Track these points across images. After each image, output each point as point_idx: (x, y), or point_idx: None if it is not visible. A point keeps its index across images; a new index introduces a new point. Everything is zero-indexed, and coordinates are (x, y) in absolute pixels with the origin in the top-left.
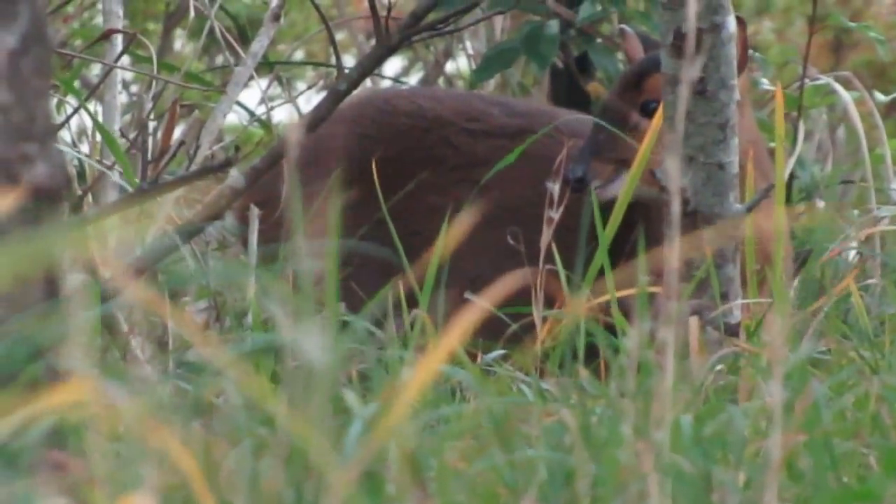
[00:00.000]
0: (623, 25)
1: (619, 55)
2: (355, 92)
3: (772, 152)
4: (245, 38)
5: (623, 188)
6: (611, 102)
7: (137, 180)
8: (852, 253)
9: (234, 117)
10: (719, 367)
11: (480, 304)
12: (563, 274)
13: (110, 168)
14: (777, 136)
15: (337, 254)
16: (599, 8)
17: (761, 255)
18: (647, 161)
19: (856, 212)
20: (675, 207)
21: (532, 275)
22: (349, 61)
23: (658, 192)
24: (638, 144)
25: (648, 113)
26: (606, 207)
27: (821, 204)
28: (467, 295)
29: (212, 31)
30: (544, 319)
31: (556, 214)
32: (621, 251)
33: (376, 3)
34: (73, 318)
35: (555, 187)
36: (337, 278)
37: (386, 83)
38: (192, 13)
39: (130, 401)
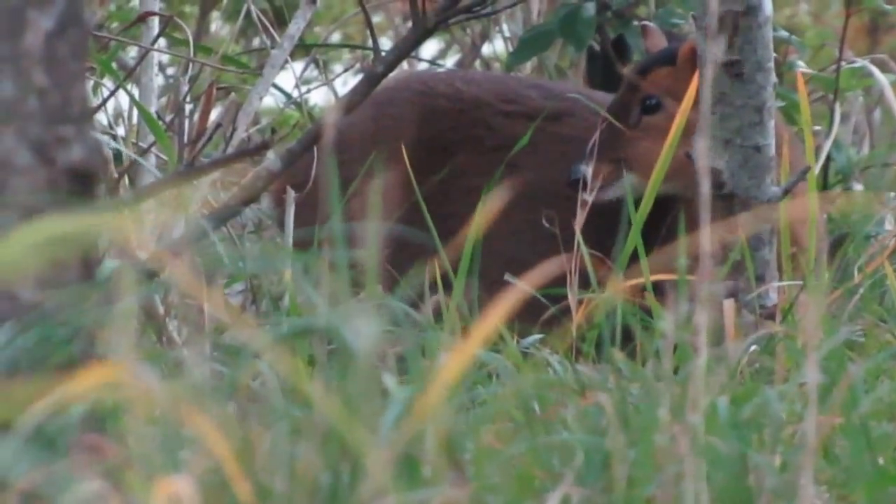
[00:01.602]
0: (646, 21)
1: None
2: (392, 74)
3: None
4: (282, 21)
5: (623, 188)
6: (616, 100)
7: (175, 161)
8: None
9: (270, 100)
10: (754, 348)
11: (519, 287)
12: (595, 257)
13: (147, 150)
14: (804, 121)
15: (377, 236)
16: None
17: (797, 239)
18: (684, 144)
19: (892, 194)
20: (706, 188)
21: (567, 258)
22: (386, 44)
23: (694, 175)
24: (639, 141)
25: (648, 109)
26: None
27: (857, 187)
28: (507, 277)
29: (248, 13)
30: (580, 302)
31: (589, 197)
32: (657, 233)
33: None
34: (110, 301)
35: (588, 170)
36: (376, 260)
37: (423, 66)
38: None
39: (167, 384)
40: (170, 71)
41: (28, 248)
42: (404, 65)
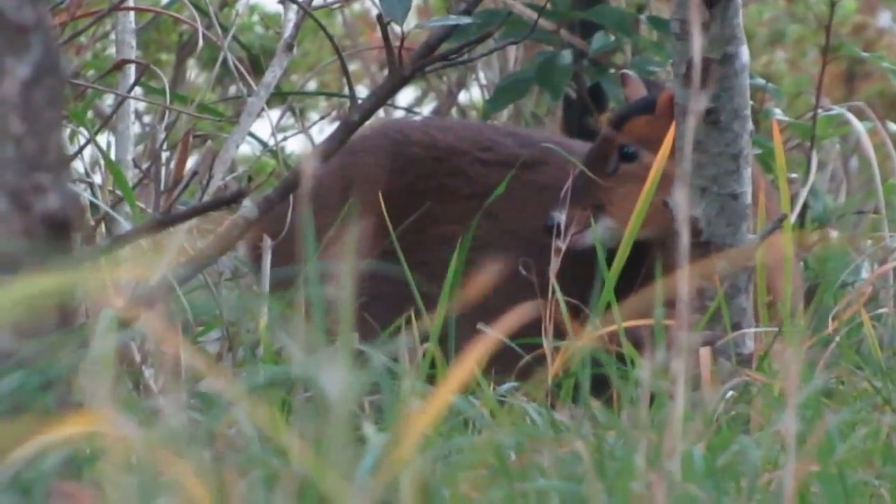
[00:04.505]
0: (625, 70)
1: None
2: (368, 122)
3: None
4: (258, 69)
5: (598, 234)
6: (594, 147)
7: (150, 211)
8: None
9: (246, 148)
10: (731, 394)
11: (493, 336)
12: (572, 305)
13: (122, 200)
14: (779, 168)
15: (351, 283)
16: (612, 38)
17: (773, 287)
18: (661, 192)
19: (868, 242)
20: (685, 237)
21: (543, 305)
22: (362, 92)
23: (671, 223)
24: (617, 189)
25: (626, 157)
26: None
27: (834, 234)
28: (480, 325)
29: (225, 61)
30: (556, 350)
31: (563, 244)
32: (633, 282)
33: (389, 34)
34: (86, 349)
35: (561, 217)
36: (352, 308)
37: (399, 113)
38: (200, 43)
39: (143, 432)
40: (146, 119)
41: (5, 297)
42: (381, 112)
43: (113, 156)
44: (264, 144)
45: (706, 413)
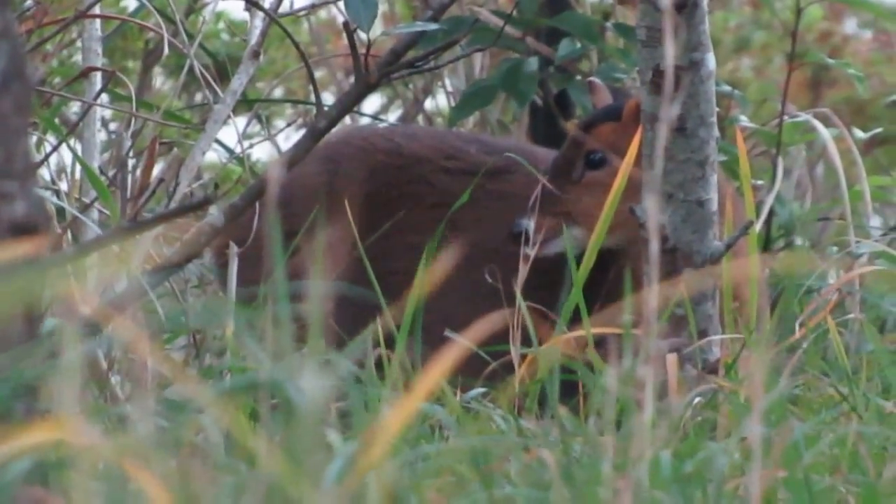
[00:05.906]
0: (592, 77)
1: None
2: (334, 130)
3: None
4: (224, 76)
5: (565, 243)
6: (560, 154)
7: (117, 217)
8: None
9: (213, 155)
10: (697, 400)
11: (460, 343)
12: (538, 312)
13: (90, 205)
14: (743, 175)
15: (320, 292)
16: (578, 45)
17: (739, 293)
18: (626, 199)
19: (834, 248)
20: (655, 246)
21: (510, 313)
22: (328, 99)
23: (637, 230)
24: (583, 196)
25: (592, 164)
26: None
27: (799, 241)
28: (447, 333)
29: (191, 68)
30: (523, 357)
31: (531, 252)
32: (600, 288)
33: (355, 41)
34: (54, 356)
35: (530, 224)
36: (319, 317)
37: (365, 121)
38: (166, 51)
39: (110, 439)
40: (112, 126)
41: None
42: (347, 119)
43: (79, 164)
44: (231, 152)
45: (673, 420)
